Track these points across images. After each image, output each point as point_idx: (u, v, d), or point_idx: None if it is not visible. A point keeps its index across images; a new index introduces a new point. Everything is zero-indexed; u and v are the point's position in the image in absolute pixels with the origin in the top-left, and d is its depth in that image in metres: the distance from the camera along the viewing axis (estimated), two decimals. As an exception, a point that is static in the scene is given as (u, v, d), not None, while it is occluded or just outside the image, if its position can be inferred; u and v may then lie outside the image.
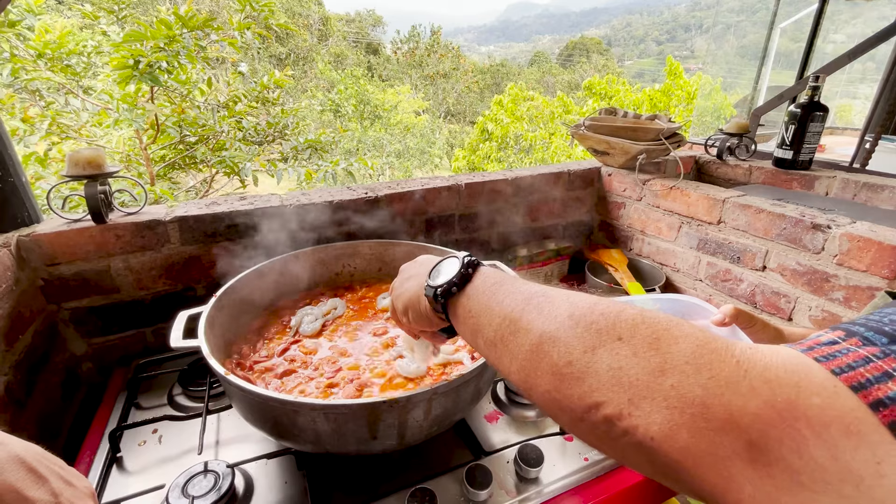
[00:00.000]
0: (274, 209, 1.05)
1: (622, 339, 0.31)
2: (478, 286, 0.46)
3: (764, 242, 1.07)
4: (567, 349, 0.33)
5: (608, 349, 0.31)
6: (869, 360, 0.24)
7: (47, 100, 2.81)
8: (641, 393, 0.28)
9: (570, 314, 0.35)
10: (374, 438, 0.62)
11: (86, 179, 0.88)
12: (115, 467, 0.75)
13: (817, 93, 1.33)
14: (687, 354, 0.28)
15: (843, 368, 0.24)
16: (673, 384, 0.27)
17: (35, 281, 0.89)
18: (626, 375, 0.29)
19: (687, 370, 0.27)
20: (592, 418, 0.31)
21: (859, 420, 0.22)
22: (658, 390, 0.28)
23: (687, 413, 0.26)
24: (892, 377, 0.23)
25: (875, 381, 0.23)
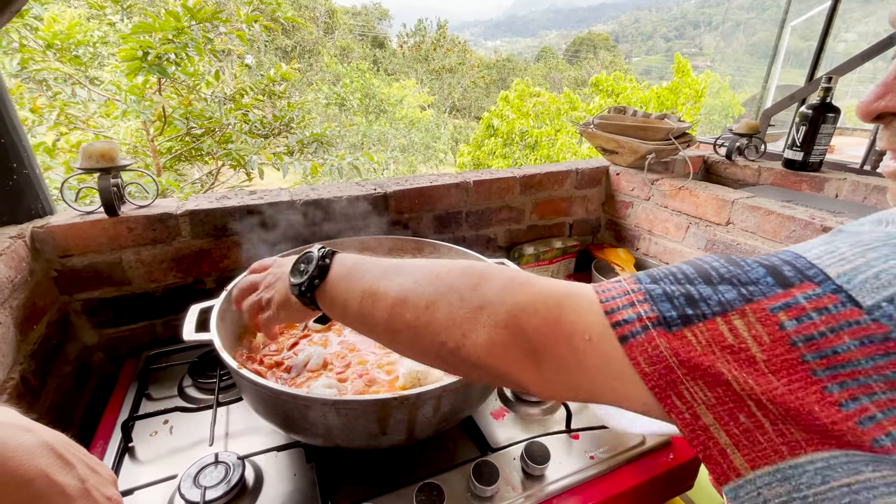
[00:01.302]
0: (283, 204, 1.05)
1: (452, 288, 0.40)
2: (337, 273, 0.51)
3: (773, 244, 1.07)
4: (415, 306, 0.41)
5: (443, 300, 0.40)
6: (627, 294, 0.33)
7: (54, 90, 2.82)
8: (469, 326, 0.38)
9: (414, 279, 0.43)
10: (384, 434, 0.63)
11: (99, 172, 0.89)
12: (128, 457, 0.76)
13: (829, 94, 1.32)
14: (497, 290, 0.38)
15: (608, 298, 0.34)
16: (488, 314, 0.37)
17: (49, 272, 0.90)
18: (457, 316, 0.39)
19: (496, 302, 0.37)
20: (442, 353, 0.40)
21: (594, 332, 0.33)
22: (479, 321, 0.37)
23: (499, 331, 0.36)
24: (634, 305, 0.32)
25: (622, 307, 0.32)
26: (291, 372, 0.77)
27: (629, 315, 0.32)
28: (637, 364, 0.31)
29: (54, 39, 2.69)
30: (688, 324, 0.29)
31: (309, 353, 0.80)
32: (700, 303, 0.30)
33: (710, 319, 0.29)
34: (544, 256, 1.40)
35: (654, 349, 0.30)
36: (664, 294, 0.31)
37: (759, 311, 0.28)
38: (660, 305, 0.31)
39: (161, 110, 2.82)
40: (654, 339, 0.30)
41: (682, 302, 0.30)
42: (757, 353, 0.27)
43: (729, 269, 0.31)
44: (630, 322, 0.32)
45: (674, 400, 0.30)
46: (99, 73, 3.15)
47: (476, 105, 22.50)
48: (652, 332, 0.30)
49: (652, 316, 0.31)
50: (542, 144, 8.86)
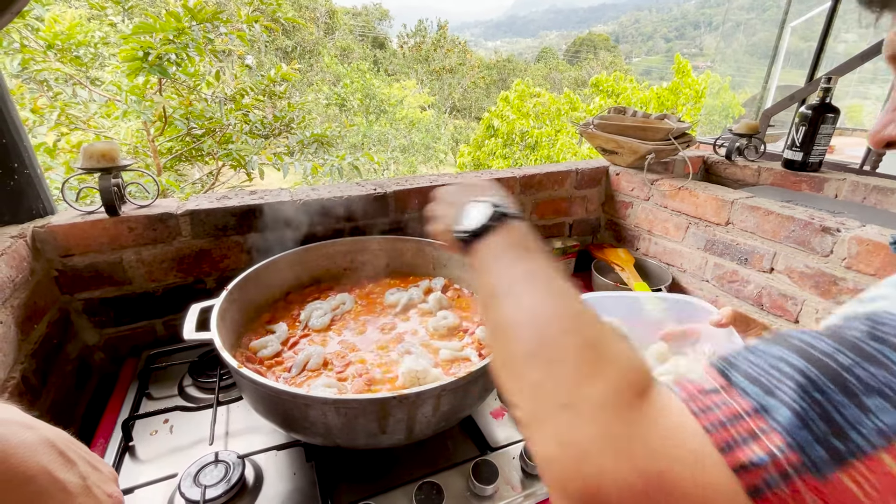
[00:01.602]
0: (283, 204, 1.06)
1: (552, 361, 0.32)
2: (493, 243, 0.46)
3: (772, 244, 1.07)
4: (512, 348, 0.35)
5: (540, 366, 0.32)
6: (740, 417, 0.24)
7: (55, 90, 2.83)
8: (543, 415, 0.30)
9: (528, 316, 0.36)
10: (384, 433, 0.63)
11: (100, 172, 0.89)
12: (128, 456, 0.76)
13: (829, 94, 1.32)
14: (598, 400, 0.29)
15: (716, 425, 0.25)
16: (569, 420, 0.28)
17: (49, 272, 0.90)
18: (542, 395, 0.31)
19: (588, 414, 0.28)
20: (511, 412, 0.35)
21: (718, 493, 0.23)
22: (558, 421, 0.29)
23: (567, 455, 0.27)
24: (758, 438, 0.23)
25: (742, 441, 0.23)
26: (291, 371, 0.77)
27: (757, 455, 0.23)
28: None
29: (55, 40, 2.70)
30: (842, 463, 0.21)
31: (309, 353, 0.80)
32: (849, 430, 0.21)
33: (871, 455, 0.21)
34: (544, 256, 1.40)
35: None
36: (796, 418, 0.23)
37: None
38: (796, 436, 0.22)
39: (161, 111, 2.82)
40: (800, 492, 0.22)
41: (822, 428, 0.22)
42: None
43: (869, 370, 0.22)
44: (761, 466, 0.23)
45: None
46: (100, 73, 3.15)
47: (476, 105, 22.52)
48: (797, 482, 0.22)
49: (792, 458, 0.22)
50: (543, 145, 8.87)
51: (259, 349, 0.81)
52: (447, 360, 0.81)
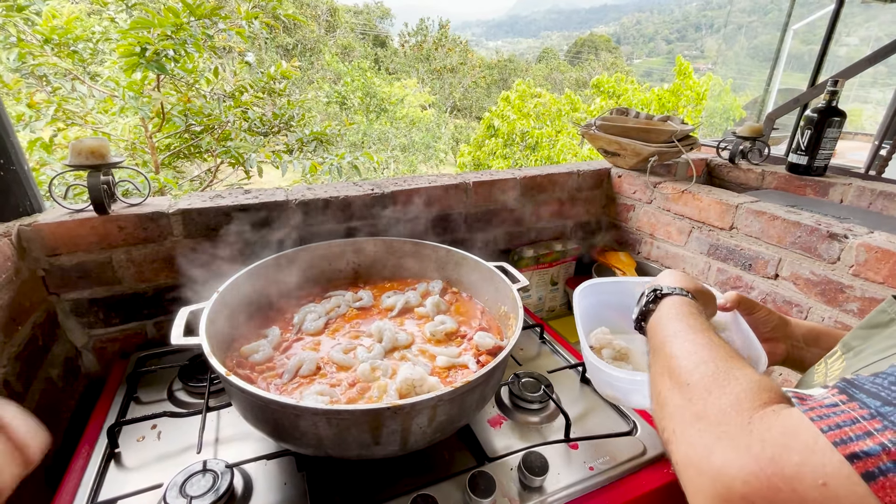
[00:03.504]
0: (279, 203, 1.03)
1: (689, 385, 0.41)
2: (656, 317, 0.58)
3: (777, 250, 1.05)
4: (662, 383, 0.44)
5: (679, 390, 0.41)
6: (857, 421, 0.28)
7: (54, 85, 2.80)
8: (681, 428, 0.38)
9: (678, 358, 0.45)
10: (377, 444, 0.61)
11: (88, 169, 0.87)
12: (113, 463, 0.74)
13: (836, 97, 1.30)
14: (720, 409, 0.36)
15: (832, 427, 0.28)
16: (699, 429, 0.36)
17: (36, 271, 0.88)
18: (677, 413, 0.39)
19: (713, 421, 0.35)
20: (661, 435, 0.42)
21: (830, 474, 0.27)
22: (689, 431, 0.37)
23: (696, 455, 0.34)
24: (872, 435, 0.26)
25: (856, 438, 0.27)
26: (283, 377, 0.75)
27: (870, 446, 0.26)
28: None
29: (52, 34, 2.66)
30: None
31: (302, 358, 0.77)
32: None
33: None
34: (544, 259, 1.38)
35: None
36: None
37: None
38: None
39: (159, 107, 2.79)
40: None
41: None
42: None
43: None
44: (873, 455, 0.26)
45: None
46: (99, 69, 3.12)
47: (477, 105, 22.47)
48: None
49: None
50: (543, 145, 8.84)
51: (250, 354, 0.79)
52: (444, 367, 0.79)
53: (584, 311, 0.80)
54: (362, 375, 0.75)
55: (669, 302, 0.58)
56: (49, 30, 2.63)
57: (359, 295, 0.98)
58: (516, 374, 0.91)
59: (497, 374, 0.71)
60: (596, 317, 0.85)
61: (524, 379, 0.90)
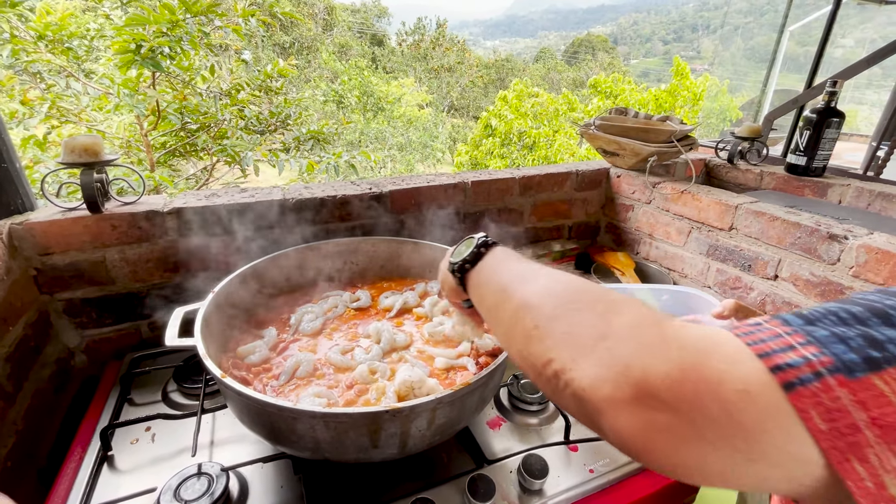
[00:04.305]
0: (275, 202, 1.02)
1: (580, 311, 0.37)
2: (487, 263, 0.53)
3: (777, 251, 1.05)
4: (535, 315, 0.39)
5: (566, 317, 0.37)
6: (780, 336, 0.28)
7: (48, 82, 2.77)
8: (582, 352, 0.34)
9: (545, 286, 0.41)
10: (375, 447, 0.60)
11: (81, 167, 0.85)
12: (106, 466, 0.72)
13: (835, 98, 1.30)
14: (627, 325, 0.33)
15: (756, 341, 0.28)
16: (607, 347, 0.32)
17: (28, 270, 0.86)
18: (574, 338, 0.35)
19: (622, 336, 0.33)
20: (546, 372, 0.36)
21: (751, 381, 0.26)
22: (595, 351, 0.33)
23: (613, 370, 0.31)
24: (795, 349, 0.27)
25: (779, 350, 0.27)
26: (280, 379, 0.74)
27: (792, 359, 0.26)
28: (808, 419, 0.25)
29: (46, 30, 2.63)
30: (875, 369, 0.24)
31: (298, 359, 0.76)
32: (886, 344, 0.25)
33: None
34: (543, 259, 1.37)
35: (834, 401, 0.25)
36: (833, 335, 0.26)
37: None
38: (831, 347, 0.26)
39: (155, 104, 2.77)
40: (832, 388, 0.25)
41: (860, 343, 0.26)
42: None
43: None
44: (794, 367, 0.26)
45: (854, 465, 0.24)
46: (94, 66, 3.09)
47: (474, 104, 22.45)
48: (828, 379, 0.25)
49: (826, 360, 0.26)
50: (540, 145, 8.84)
51: (246, 355, 0.78)
52: (443, 369, 0.78)
53: None
54: (360, 377, 0.74)
55: (504, 250, 0.54)
56: (43, 26, 2.60)
57: (356, 295, 0.97)
58: (515, 376, 0.90)
59: (497, 376, 0.70)
60: None
61: (524, 380, 0.89)
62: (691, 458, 0.28)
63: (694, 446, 0.28)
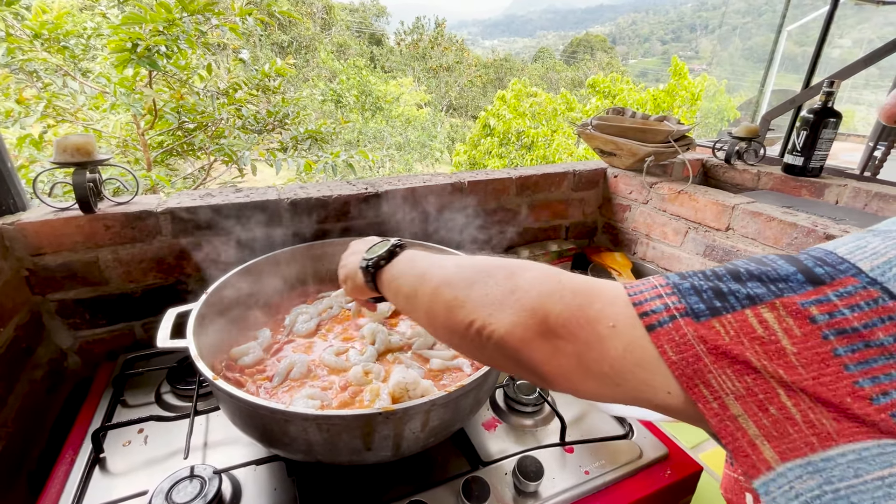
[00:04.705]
0: (270, 202, 1.01)
1: (491, 276, 0.42)
2: (401, 259, 0.57)
3: (774, 251, 1.04)
4: (454, 288, 0.45)
5: (481, 283, 0.43)
6: (655, 288, 0.34)
7: (44, 81, 2.75)
8: (497, 307, 0.40)
9: (457, 265, 0.47)
10: (369, 450, 0.59)
11: (74, 167, 0.85)
12: (98, 468, 0.72)
13: (832, 98, 1.30)
14: (531, 279, 0.40)
15: (636, 293, 0.34)
16: (517, 298, 0.39)
17: (19, 271, 0.85)
18: (489, 298, 0.41)
19: (527, 288, 0.39)
20: (469, 333, 0.41)
21: (619, 320, 0.33)
22: (507, 303, 0.39)
23: (522, 315, 0.38)
24: (661, 297, 0.32)
25: (650, 299, 0.33)
26: (273, 380, 0.73)
27: (657, 306, 0.32)
28: (664, 352, 0.31)
29: (42, 29, 2.62)
30: (716, 314, 0.29)
31: (292, 361, 0.76)
32: (728, 296, 0.30)
33: (738, 311, 0.29)
34: (540, 259, 1.37)
35: (682, 337, 0.30)
36: (692, 287, 0.32)
37: (789, 304, 0.27)
38: (688, 298, 0.31)
39: (151, 104, 2.76)
40: (681, 327, 0.30)
41: (710, 295, 0.31)
42: (787, 345, 0.27)
43: (758, 267, 0.30)
44: (657, 312, 0.32)
45: (701, 389, 0.29)
46: (91, 65, 3.07)
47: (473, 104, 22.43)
48: (679, 321, 0.31)
49: (680, 307, 0.31)
50: (539, 145, 8.84)
51: (240, 356, 0.77)
52: (438, 370, 0.77)
53: None
54: (354, 378, 0.73)
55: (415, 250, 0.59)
56: (39, 24, 2.58)
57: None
58: (511, 377, 0.89)
59: (492, 377, 0.69)
60: None
61: (519, 381, 0.89)
62: (581, 380, 0.35)
63: (581, 370, 0.35)
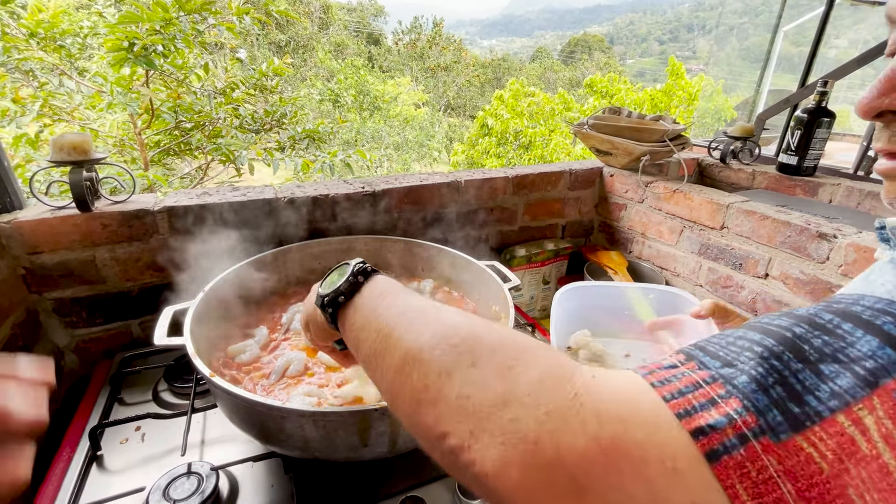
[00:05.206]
0: (268, 201, 1.02)
1: (476, 365, 0.30)
2: (364, 296, 0.43)
3: (767, 250, 1.05)
4: (425, 372, 0.31)
5: (461, 375, 0.30)
6: (699, 386, 0.24)
7: (41, 80, 2.74)
8: (482, 425, 0.27)
9: (433, 333, 0.33)
10: (365, 446, 0.60)
11: (70, 165, 0.85)
12: (95, 466, 0.72)
13: (825, 98, 1.31)
14: (532, 384, 0.27)
15: (674, 394, 0.24)
16: (511, 417, 0.26)
17: (16, 269, 0.86)
18: (471, 405, 0.28)
19: (527, 402, 0.27)
20: (442, 447, 0.29)
21: (678, 455, 0.22)
22: (497, 423, 0.27)
23: (519, 449, 0.25)
24: (716, 404, 0.23)
25: (700, 407, 0.23)
26: (270, 378, 0.74)
27: (715, 419, 0.22)
28: (735, 495, 0.21)
29: (38, 28, 2.61)
30: (799, 429, 0.21)
31: (289, 358, 0.76)
32: (806, 395, 0.22)
33: (826, 419, 0.21)
34: (536, 258, 1.38)
35: (761, 471, 0.21)
36: (755, 384, 0.22)
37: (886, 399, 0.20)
38: (755, 401, 0.22)
39: (149, 103, 2.75)
40: (758, 455, 0.21)
41: (779, 393, 0.22)
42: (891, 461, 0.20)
43: (823, 339, 0.23)
44: (719, 429, 0.22)
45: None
46: (87, 64, 3.07)
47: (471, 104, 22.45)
48: (754, 444, 0.21)
49: (749, 420, 0.22)
50: (536, 144, 8.86)
51: (237, 354, 0.78)
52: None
53: (566, 313, 0.81)
54: (351, 375, 0.74)
55: (381, 280, 0.45)
56: (35, 23, 2.58)
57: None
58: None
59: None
60: (580, 319, 0.85)
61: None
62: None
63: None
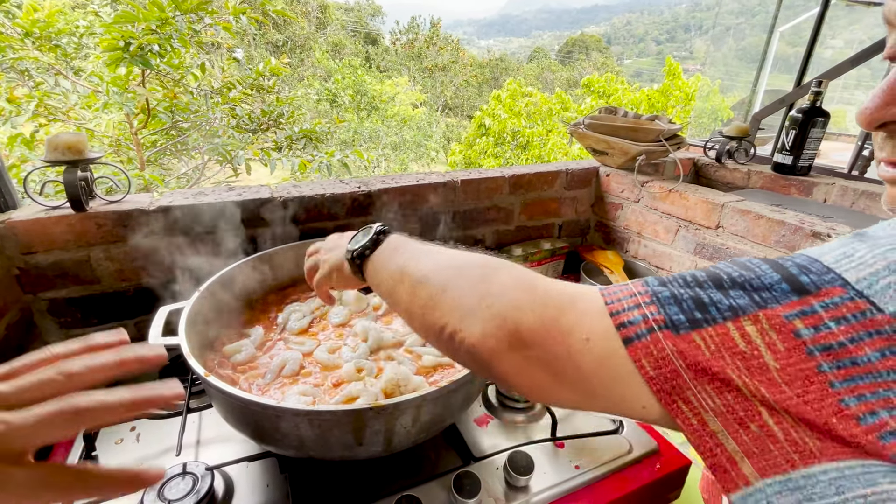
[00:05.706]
0: (264, 201, 1.02)
1: (464, 276, 0.41)
2: (384, 248, 0.55)
3: (762, 249, 1.06)
4: (429, 288, 0.43)
5: (454, 285, 0.41)
6: (633, 296, 0.32)
7: (36, 80, 2.73)
8: (469, 313, 0.38)
9: (436, 262, 0.45)
10: (360, 445, 0.60)
11: (65, 165, 0.85)
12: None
13: (820, 98, 1.32)
14: (504, 285, 0.38)
15: (614, 300, 0.33)
16: (489, 305, 0.37)
17: (10, 270, 0.85)
18: (461, 302, 0.39)
19: (499, 295, 0.37)
20: (443, 336, 0.40)
21: (593, 333, 0.32)
22: (479, 311, 0.37)
23: (492, 325, 0.36)
24: (640, 307, 0.31)
25: (627, 309, 0.32)
26: (266, 377, 0.74)
27: (634, 317, 0.31)
28: (641, 367, 0.30)
29: (33, 27, 2.60)
30: (696, 327, 0.29)
31: (285, 358, 0.76)
32: (710, 307, 0.29)
33: (720, 324, 0.28)
34: (533, 258, 1.38)
35: (660, 351, 0.29)
36: (672, 297, 0.31)
37: (773, 317, 0.26)
38: (667, 308, 0.30)
39: (145, 103, 2.74)
40: (660, 341, 0.29)
41: (690, 305, 0.30)
42: (770, 361, 0.26)
43: (742, 273, 0.29)
44: (635, 324, 0.31)
45: (680, 405, 0.29)
46: (83, 64, 3.06)
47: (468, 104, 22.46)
48: (658, 334, 0.30)
49: (659, 318, 0.30)
50: (534, 144, 8.87)
51: (232, 354, 0.77)
52: (430, 367, 0.78)
53: None
54: (347, 375, 0.74)
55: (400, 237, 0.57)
56: (30, 23, 2.57)
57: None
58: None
59: (483, 374, 0.70)
60: None
61: (511, 378, 0.89)
62: (554, 393, 0.35)
63: (554, 383, 0.34)
